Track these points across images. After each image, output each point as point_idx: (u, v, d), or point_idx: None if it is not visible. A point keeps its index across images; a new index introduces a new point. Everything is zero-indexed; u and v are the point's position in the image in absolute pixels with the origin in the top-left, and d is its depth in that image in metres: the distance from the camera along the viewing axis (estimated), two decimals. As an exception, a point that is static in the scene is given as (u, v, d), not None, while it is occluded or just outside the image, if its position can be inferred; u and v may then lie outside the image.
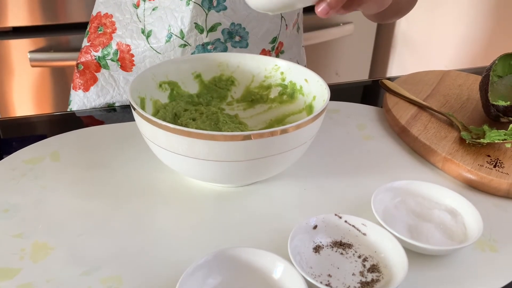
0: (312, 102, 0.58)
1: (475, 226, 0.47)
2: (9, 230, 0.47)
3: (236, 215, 0.51)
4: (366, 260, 0.44)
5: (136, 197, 0.53)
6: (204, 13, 0.67)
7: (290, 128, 0.46)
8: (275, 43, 0.75)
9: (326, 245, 0.46)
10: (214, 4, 0.68)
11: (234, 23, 0.70)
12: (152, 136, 0.48)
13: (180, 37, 0.69)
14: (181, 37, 0.69)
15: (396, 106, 0.69)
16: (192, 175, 0.52)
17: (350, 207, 0.52)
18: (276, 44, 0.76)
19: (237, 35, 0.71)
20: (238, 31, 0.70)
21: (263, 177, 0.53)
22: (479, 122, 0.66)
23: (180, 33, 0.68)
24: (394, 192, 0.51)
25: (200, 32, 0.68)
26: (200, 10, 0.67)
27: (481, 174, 0.55)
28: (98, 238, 0.47)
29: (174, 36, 0.69)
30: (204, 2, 0.67)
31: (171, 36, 0.69)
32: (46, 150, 0.59)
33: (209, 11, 0.68)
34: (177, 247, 0.47)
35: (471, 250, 0.48)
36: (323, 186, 0.55)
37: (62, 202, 0.51)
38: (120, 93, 0.75)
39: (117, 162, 0.58)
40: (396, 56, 1.73)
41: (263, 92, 0.63)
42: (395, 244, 0.44)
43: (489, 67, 0.67)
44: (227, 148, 0.45)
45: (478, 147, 0.60)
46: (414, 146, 0.62)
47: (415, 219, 0.49)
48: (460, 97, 0.73)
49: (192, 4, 0.66)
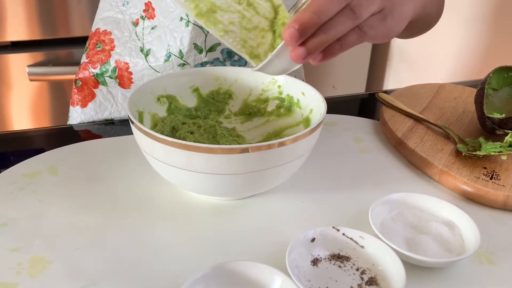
0: (309, 115, 0.58)
1: (473, 239, 0.47)
2: (7, 244, 0.47)
3: (234, 228, 0.51)
4: (364, 273, 0.44)
5: (134, 211, 0.53)
6: (204, 34, 0.68)
7: (288, 141, 0.47)
8: None
9: (324, 258, 0.46)
10: None
11: None
12: (150, 150, 0.49)
13: (179, 57, 0.69)
14: (180, 57, 0.69)
15: (393, 119, 0.69)
16: (190, 188, 0.52)
17: (347, 220, 0.52)
18: None
19: (236, 54, 0.71)
20: None
21: (261, 190, 0.54)
22: (475, 135, 0.67)
23: (179, 53, 0.69)
24: (391, 204, 0.52)
25: (199, 52, 0.69)
26: (200, 31, 0.68)
27: (478, 186, 0.55)
28: (95, 252, 0.47)
29: (173, 56, 0.69)
30: None
31: (170, 56, 0.69)
32: (44, 164, 0.59)
33: (208, 32, 0.68)
34: (175, 260, 0.47)
35: (469, 262, 0.48)
36: (320, 199, 0.55)
37: (60, 216, 0.51)
38: (118, 109, 0.75)
39: (115, 176, 0.58)
40: (392, 69, 1.75)
41: (261, 106, 0.64)
42: (393, 256, 0.44)
43: (484, 80, 0.68)
44: (225, 161, 0.46)
45: (474, 159, 0.60)
46: (411, 158, 0.63)
47: (413, 232, 0.49)
48: (456, 109, 0.74)
49: (192, 25, 0.67)
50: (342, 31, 0.41)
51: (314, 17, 0.39)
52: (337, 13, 0.41)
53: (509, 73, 0.70)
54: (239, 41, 0.45)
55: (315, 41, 0.40)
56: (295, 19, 0.39)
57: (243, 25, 0.45)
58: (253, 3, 0.45)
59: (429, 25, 0.69)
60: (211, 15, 0.45)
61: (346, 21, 0.41)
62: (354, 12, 0.42)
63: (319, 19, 0.39)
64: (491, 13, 1.38)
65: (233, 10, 0.45)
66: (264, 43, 0.46)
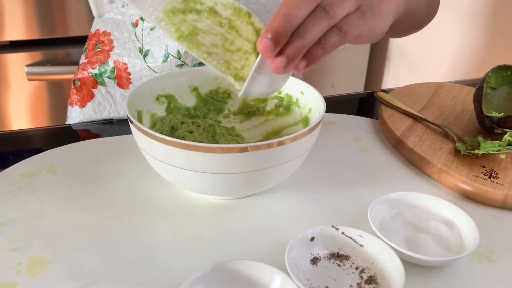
0: (308, 114, 0.58)
1: (472, 237, 0.47)
2: (6, 244, 0.47)
3: (234, 228, 0.51)
4: (363, 272, 0.44)
5: (133, 210, 0.53)
6: None
7: (287, 140, 0.47)
8: None
9: (323, 257, 0.46)
10: None
11: None
12: (149, 149, 0.49)
13: (177, 58, 0.69)
14: (178, 58, 0.69)
15: (392, 118, 0.69)
16: (189, 188, 0.52)
17: (347, 219, 0.52)
18: None
19: None
20: None
21: (260, 189, 0.54)
22: (473, 133, 0.67)
23: (177, 53, 0.69)
24: (390, 203, 0.52)
25: None
26: None
27: (477, 185, 0.56)
28: (95, 252, 0.47)
29: (171, 56, 0.69)
30: None
31: (168, 56, 0.69)
32: (43, 163, 0.59)
33: None
34: (174, 260, 0.47)
35: (468, 261, 0.48)
36: (320, 198, 0.55)
37: (59, 216, 0.51)
38: (117, 109, 0.75)
39: (114, 176, 0.58)
40: (391, 68, 1.75)
41: (260, 105, 0.64)
42: (392, 255, 0.44)
43: (483, 79, 0.68)
44: (224, 160, 0.46)
45: (473, 158, 0.60)
46: (410, 157, 0.63)
47: (412, 231, 0.49)
48: (454, 108, 0.74)
49: None
50: (319, 33, 0.39)
51: (285, 22, 0.37)
52: (309, 14, 0.39)
53: (507, 72, 0.70)
54: (223, 63, 0.45)
55: (293, 47, 0.38)
56: (267, 29, 0.37)
57: (226, 47, 0.45)
58: (235, 26, 0.45)
59: (418, 23, 0.67)
60: (193, 38, 0.44)
61: (320, 22, 0.39)
62: (326, 11, 0.40)
63: (291, 24, 0.38)
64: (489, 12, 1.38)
65: (215, 32, 0.45)
66: (248, 65, 0.45)
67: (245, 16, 0.45)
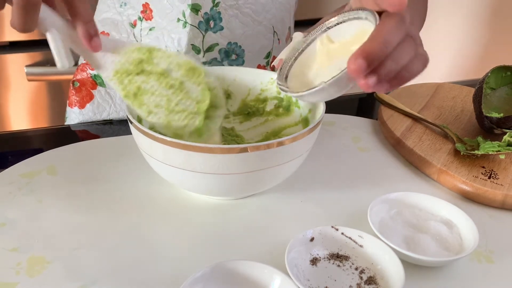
0: (307, 115, 0.58)
1: (471, 237, 0.47)
2: (6, 244, 0.47)
3: (233, 228, 0.51)
4: (363, 272, 0.44)
5: (133, 210, 0.53)
6: (201, 34, 0.68)
7: (286, 140, 0.47)
8: (269, 58, 0.76)
9: (323, 257, 0.46)
10: (211, 25, 0.68)
11: (231, 42, 0.70)
12: (149, 149, 0.49)
13: None
14: None
15: (391, 118, 0.70)
16: (189, 188, 0.52)
17: (346, 219, 0.52)
18: (270, 59, 0.76)
19: (234, 53, 0.71)
20: (235, 49, 0.71)
21: (260, 190, 0.54)
22: (473, 134, 0.67)
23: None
24: (390, 203, 0.52)
25: (197, 52, 0.69)
26: (197, 32, 0.68)
27: (476, 185, 0.56)
28: (94, 252, 0.47)
29: None
30: (201, 24, 0.68)
31: None
32: (43, 164, 0.59)
33: (206, 32, 0.68)
34: (174, 260, 0.47)
35: (468, 261, 0.48)
36: (319, 198, 0.56)
37: (59, 216, 0.51)
38: (116, 110, 0.75)
39: (114, 176, 0.58)
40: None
41: (259, 105, 0.64)
42: (391, 256, 0.44)
43: (482, 80, 0.68)
44: (224, 160, 0.46)
45: (472, 158, 0.60)
46: (410, 158, 0.63)
47: (412, 231, 0.49)
48: (454, 109, 0.74)
49: (189, 26, 0.67)
50: (408, 59, 0.42)
51: (381, 47, 0.39)
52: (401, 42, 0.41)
53: (507, 72, 0.70)
54: (162, 122, 0.47)
55: (385, 70, 0.40)
56: (362, 51, 0.39)
57: (170, 108, 0.47)
58: (185, 88, 0.47)
59: None
60: (137, 98, 0.47)
61: (410, 49, 0.42)
62: (414, 39, 0.42)
63: (387, 49, 0.40)
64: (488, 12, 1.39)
65: (162, 94, 0.47)
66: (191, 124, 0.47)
67: (199, 76, 0.47)
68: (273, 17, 0.73)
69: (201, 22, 0.67)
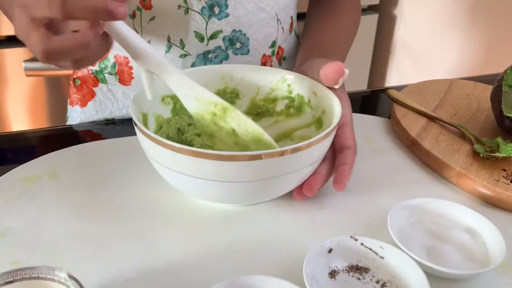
0: (321, 116, 0.56)
1: (497, 247, 0.45)
2: (5, 256, 0.45)
3: (245, 237, 0.48)
4: (384, 286, 0.42)
5: (139, 218, 0.50)
6: (204, 21, 0.65)
7: (302, 146, 0.44)
8: (274, 47, 0.73)
9: (342, 270, 0.43)
10: (216, 12, 0.65)
11: (235, 30, 0.67)
12: (156, 155, 0.46)
13: (180, 47, 0.66)
14: (181, 47, 0.66)
15: (405, 117, 0.67)
16: (199, 196, 0.50)
17: (364, 227, 0.50)
18: (275, 49, 0.74)
19: (238, 41, 0.68)
20: (239, 37, 0.68)
21: (273, 197, 0.51)
22: (491, 134, 0.64)
23: (180, 42, 0.66)
24: (409, 210, 0.49)
25: (200, 40, 0.66)
26: (200, 18, 0.65)
27: (498, 190, 0.53)
28: (98, 263, 0.45)
29: (174, 46, 0.66)
30: (204, 10, 0.65)
31: (171, 46, 0.66)
32: (44, 168, 0.57)
33: (209, 19, 0.65)
34: (183, 272, 0.44)
35: (493, 271, 0.45)
36: (334, 204, 0.53)
37: (61, 224, 0.49)
38: (119, 107, 0.72)
39: (119, 181, 0.55)
40: (395, 64, 1.72)
41: (269, 105, 0.61)
42: (415, 268, 0.42)
43: (501, 77, 0.65)
44: (236, 168, 0.43)
45: (492, 160, 0.58)
46: (426, 160, 0.60)
47: (432, 240, 0.47)
48: (469, 107, 0.71)
49: (191, 12, 0.64)
50: None
51: None
52: None
53: (526, 69, 0.68)
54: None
55: None
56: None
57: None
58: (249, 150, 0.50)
59: None
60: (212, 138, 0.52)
61: None
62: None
63: None
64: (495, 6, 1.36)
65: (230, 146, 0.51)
66: None
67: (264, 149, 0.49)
68: (276, 4, 0.70)
69: (204, 7, 0.64)
